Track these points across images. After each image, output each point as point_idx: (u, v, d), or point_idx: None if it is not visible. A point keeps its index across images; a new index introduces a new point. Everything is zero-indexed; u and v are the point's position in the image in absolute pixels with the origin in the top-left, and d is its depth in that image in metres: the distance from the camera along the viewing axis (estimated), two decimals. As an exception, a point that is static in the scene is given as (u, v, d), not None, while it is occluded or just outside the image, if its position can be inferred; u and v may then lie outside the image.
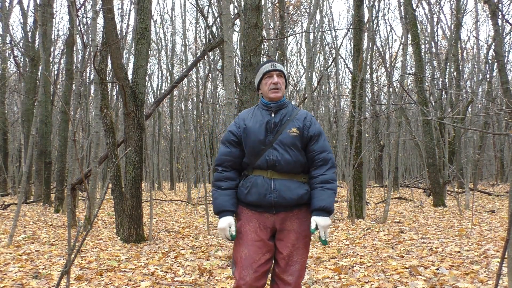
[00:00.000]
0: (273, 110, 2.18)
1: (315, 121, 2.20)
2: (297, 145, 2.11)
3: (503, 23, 16.18)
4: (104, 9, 6.23)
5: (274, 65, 2.22)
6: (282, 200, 2.06)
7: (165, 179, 35.32)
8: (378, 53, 19.44)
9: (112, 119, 6.69)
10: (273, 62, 2.25)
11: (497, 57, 9.08)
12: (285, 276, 2.08)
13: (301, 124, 2.14)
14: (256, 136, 2.12)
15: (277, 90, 2.18)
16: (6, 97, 17.57)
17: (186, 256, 4.90)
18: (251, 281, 2.01)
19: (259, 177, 2.10)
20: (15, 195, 15.97)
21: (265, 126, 2.13)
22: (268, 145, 2.11)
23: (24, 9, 15.87)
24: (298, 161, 2.11)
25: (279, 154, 2.08)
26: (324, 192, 2.05)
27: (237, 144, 2.18)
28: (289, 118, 2.16)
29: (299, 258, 2.11)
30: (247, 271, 2.02)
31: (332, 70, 22.93)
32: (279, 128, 2.12)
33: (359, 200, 8.37)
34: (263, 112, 2.19)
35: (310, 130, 2.14)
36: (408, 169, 29.08)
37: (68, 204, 2.79)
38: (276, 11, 15.39)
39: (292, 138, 2.10)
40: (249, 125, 2.16)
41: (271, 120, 2.15)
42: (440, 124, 13.19)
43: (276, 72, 2.21)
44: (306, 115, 2.19)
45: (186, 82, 20.51)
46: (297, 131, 2.11)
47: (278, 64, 2.24)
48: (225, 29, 4.14)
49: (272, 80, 2.19)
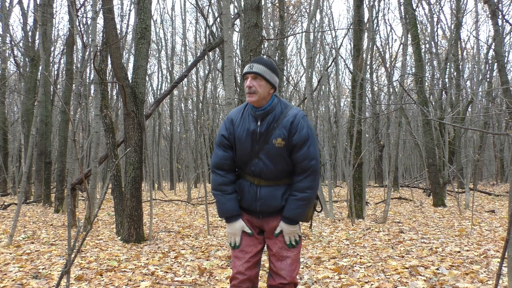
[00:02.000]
0: (258, 119, 2.10)
1: (302, 126, 2.06)
2: (283, 155, 2.09)
3: (503, 23, 16.19)
4: (104, 9, 6.23)
5: (252, 67, 2.10)
6: (267, 208, 2.15)
7: (165, 179, 35.31)
8: (378, 53, 19.45)
9: (112, 119, 6.69)
10: (253, 63, 2.11)
11: (497, 57, 9.08)
12: (278, 270, 2.16)
13: (287, 132, 2.06)
14: (243, 145, 2.12)
15: (252, 94, 2.07)
16: (6, 97, 17.58)
17: (186, 256, 4.90)
18: (244, 270, 2.14)
19: (247, 182, 2.17)
20: (15, 195, 15.97)
21: (251, 137, 2.10)
22: (254, 155, 2.11)
23: (24, 9, 15.87)
24: (283, 170, 2.13)
25: (264, 165, 2.10)
26: (294, 202, 2.09)
27: (231, 147, 2.18)
28: (275, 125, 2.08)
29: (290, 253, 2.17)
30: (240, 261, 2.15)
31: (332, 70, 22.94)
32: (265, 137, 2.08)
33: (359, 200, 8.37)
34: (250, 118, 2.13)
35: (294, 138, 2.05)
36: (408, 169, 29.08)
37: (68, 204, 2.79)
38: (276, 11, 15.40)
39: (278, 150, 2.07)
40: (237, 133, 2.13)
41: (256, 129, 2.09)
42: (440, 124, 13.19)
43: (252, 74, 2.08)
44: (294, 118, 2.07)
45: (186, 82, 20.52)
46: (282, 142, 2.06)
47: (257, 66, 2.09)
48: (225, 29, 4.14)
49: (246, 83, 2.10)
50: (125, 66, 8.47)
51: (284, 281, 2.13)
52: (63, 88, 13.86)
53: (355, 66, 8.82)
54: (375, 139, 18.96)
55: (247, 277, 2.14)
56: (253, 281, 2.17)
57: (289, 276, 2.14)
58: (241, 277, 2.13)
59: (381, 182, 22.63)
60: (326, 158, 10.91)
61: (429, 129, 11.35)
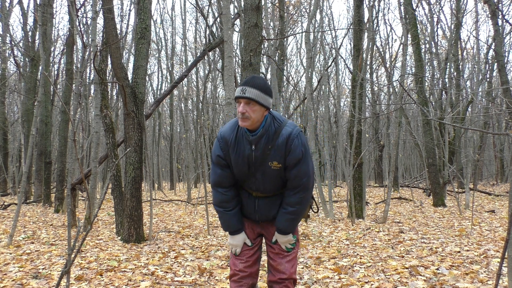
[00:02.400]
0: (253, 143, 2.07)
1: (296, 145, 2.04)
2: (280, 175, 2.12)
3: (503, 23, 16.19)
4: (104, 9, 6.24)
5: (244, 91, 1.99)
6: (265, 218, 2.26)
7: (165, 179, 35.31)
8: (378, 53, 19.45)
9: (112, 119, 6.69)
10: (246, 86, 2.00)
11: (497, 57, 9.07)
12: (278, 266, 2.22)
13: (282, 154, 2.05)
14: (239, 168, 2.14)
15: (245, 119, 2.00)
16: (6, 97, 17.57)
17: (186, 256, 4.90)
18: (244, 267, 2.22)
19: (245, 193, 2.24)
20: (15, 195, 15.97)
21: (247, 160, 2.10)
22: (251, 175, 2.14)
23: (24, 9, 15.87)
24: (280, 186, 2.19)
25: (261, 185, 2.16)
26: (284, 215, 2.16)
27: (228, 165, 2.17)
28: (270, 146, 2.05)
29: (289, 253, 2.26)
30: (239, 260, 2.24)
31: (332, 70, 22.94)
32: (261, 160, 2.08)
33: (359, 200, 8.37)
34: (244, 141, 2.08)
35: (288, 159, 2.05)
36: (408, 169, 29.08)
37: (68, 204, 2.79)
38: (276, 11, 15.40)
39: (274, 172, 2.10)
40: (232, 156, 2.12)
41: (252, 154, 2.08)
42: (440, 124, 13.19)
43: (245, 99, 1.99)
44: (287, 138, 2.03)
45: (186, 82, 20.50)
46: (278, 165, 2.07)
47: (249, 90, 1.98)
48: (225, 29, 4.14)
49: (239, 108, 2.01)
50: (125, 66, 8.47)
51: (284, 275, 2.19)
52: (63, 88, 13.85)
53: (355, 66, 8.82)
54: (375, 139, 18.96)
55: (248, 274, 2.22)
56: (253, 277, 2.24)
57: (288, 271, 2.20)
58: (241, 274, 2.21)
59: (381, 182, 22.64)
60: (326, 158, 10.91)
61: (429, 129, 11.35)
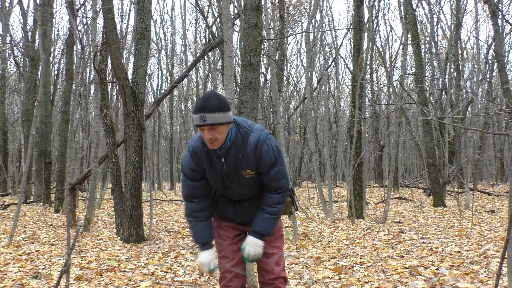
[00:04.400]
0: (222, 157, 2.05)
1: (265, 151, 2.02)
2: (255, 180, 2.13)
3: (503, 23, 16.18)
4: (104, 9, 6.24)
5: (204, 118, 1.88)
6: (248, 220, 2.23)
7: (165, 179, 35.30)
8: (378, 53, 19.45)
9: (112, 119, 6.69)
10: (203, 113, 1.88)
11: (497, 57, 9.07)
12: (265, 266, 2.22)
13: (254, 162, 2.04)
14: (214, 181, 2.15)
15: (213, 144, 1.96)
16: (6, 97, 17.57)
17: (186, 256, 4.90)
18: (232, 266, 2.21)
19: (224, 199, 2.23)
20: (15, 195, 15.96)
21: (220, 175, 2.10)
22: (226, 187, 2.14)
23: (24, 9, 15.87)
24: (259, 189, 2.19)
25: (238, 192, 2.16)
26: (263, 216, 2.13)
27: (202, 177, 2.15)
28: (241, 156, 2.03)
29: (275, 250, 2.24)
30: (225, 260, 2.23)
31: (332, 70, 22.94)
32: (234, 171, 2.08)
33: (359, 200, 8.37)
34: (214, 156, 2.06)
35: (261, 165, 2.05)
36: (408, 169, 29.07)
37: (67, 204, 2.79)
38: (276, 11, 15.39)
39: (249, 179, 2.11)
40: (206, 171, 2.11)
41: (223, 168, 2.07)
42: (440, 124, 13.19)
43: (207, 126, 1.91)
44: (256, 145, 2.01)
45: (186, 82, 20.53)
46: (251, 173, 2.08)
47: (208, 116, 1.88)
48: (225, 29, 4.14)
49: (203, 135, 1.95)
50: (125, 66, 8.46)
51: (272, 275, 2.20)
52: (63, 88, 13.85)
53: (355, 66, 8.82)
54: (375, 139, 18.95)
55: (234, 275, 2.20)
56: (240, 277, 2.23)
57: (276, 270, 2.21)
58: (229, 276, 2.20)
59: (381, 182, 22.63)
60: (326, 158, 10.91)
61: (429, 129, 11.34)
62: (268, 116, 11.99)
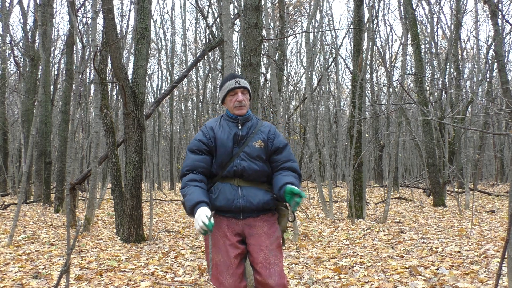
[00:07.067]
0: (239, 123, 2.26)
1: (278, 134, 2.29)
2: (262, 156, 2.21)
3: (503, 23, 16.19)
4: (104, 9, 6.23)
5: (239, 82, 2.27)
6: (249, 205, 2.14)
7: (165, 179, 35.30)
8: (378, 53, 19.44)
9: (112, 119, 6.69)
10: (237, 78, 2.28)
11: (497, 57, 9.07)
12: (267, 280, 2.03)
13: (266, 136, 2.24)
14: (224, 147, 2.19)
15: (242, 107, 2.25)
16: (6, 97, 17.57)
17: (186, 256, 4.90)
18: (230, 286, 2.06)
19: (227, 184, 2.18)
20: (15, 195, 15.96)
21: (233, 138, 2.21)
22: (235, 155, 2.19)
23: (24, 9, 15.87)
24: (263, 171, 2.21)
25: (246, 164, 2.17)
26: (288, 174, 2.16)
27: (208, 152, 2.22)
28: (254, 130, 2.25)
29: (276, 260, 2.09)
30: (225, 276, 2.07)
31: (332, 70, 22.93)
32: (246, 140, 2.21)
33: (359, 200, 8.37)
34: (230, 124, 2.26)
35: (275, 142, 2.24)
36: (408, 169, 29.07)
37: (67, 204, 2.79)
38: (276, 11, 15.38)
39: (258, 150, 2.20)
40: (218, 136, 2.22)
41: (238, 132, 2.22)
42: (440, 124, 13.18)
43: (241, 89, 2.27)
44: (270, 127, 2.29)
45: (186, 82, 20.53)
46: (262, 144, 2.21)
47: (242, 80, 2.28)
48: (225, 29, 4.14)
49: (236, 98, 2.25)
50: (125, 66, 8.46)
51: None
52: (63, 88, 13.85)
53: (355, 66, 8.81)
54: (375, 139, 18.95)
55: None
56: None
57: (278, 284, 2.02)
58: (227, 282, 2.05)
59: (381, 182, 22.62)
60: (326, 158, 10.91)
61: (429, 129, 11.34)
62: (268, 116, 12.00)
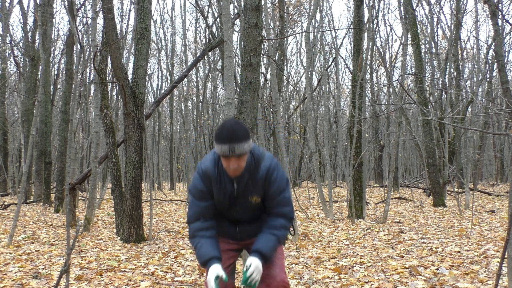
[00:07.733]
0: (235, 181, 2.12)
1: (275, 178, 2.10)
2: (259, 207, 2.22)
3: (503, 23, 16.18)
4: (104, 9, 6.24)
5: (233, 150, 1.92)
6: (247, 236, 2.29)
7: (165, 179, 35.30)
8: (378, 53, 19.44)
9: (112, 119, 6.69)
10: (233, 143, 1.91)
11: (497, 57, 9.07)
12: (270, 271, 2.15)
13: (262, 188, 2.12)
14: (220, 202, 2.19)
15: (236, 171, 2.03)
16: (6, 97, 17.57)
17: (186, 256, 4.90)
18: None
19: (224, 221, 2.28)
20: (15, 195, 15.96)
21: (229, 197, 2.16)
22: (231, 208, 2.21)
23: (24, 9, 15.87)
24: (259, 214, 2.26)
25: (241, 215, 2.23)
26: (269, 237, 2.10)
27: (211, 197, 2.17)
28: (251, 182, 2.11)
29: (276, 260, 2.20)
30: None
31: (332, 70, 22.93)
32: (242, 195, 2.15)
33: (359, 200, 8.37)
34: (226, 179, 2.11)
35: (271, 191, 2.12)
36: (408, 169, 29.07)
37: (67, 204, 2.79)
38: (276, 11, 15.39)
39: (254, 205, 2.19)
40: (214, 191, 2.15)
41: (234, 191, 2.14)
42: (440, 124, 13.18)
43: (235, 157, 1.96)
44: (267, 172, 2.09)
45: (186, 82, 20.50)
46: (258, 199, 2.16)
47: (237, 146, 1.92)
48: (225, 29, 4.14)
49: (231, 164, 1.99)
50: (125, 66, 8.46)
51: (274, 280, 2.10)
52: (63, 88, 13.85)
53: (355, 66, 8.81)
54: (375, 139, 18.95)
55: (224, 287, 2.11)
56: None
57: (279, 276, 2.11)
58: None
59: (381, 182, 22.62)
60: (326, 158, 10.91)
61: (429, 129, 11.34)
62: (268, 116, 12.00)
